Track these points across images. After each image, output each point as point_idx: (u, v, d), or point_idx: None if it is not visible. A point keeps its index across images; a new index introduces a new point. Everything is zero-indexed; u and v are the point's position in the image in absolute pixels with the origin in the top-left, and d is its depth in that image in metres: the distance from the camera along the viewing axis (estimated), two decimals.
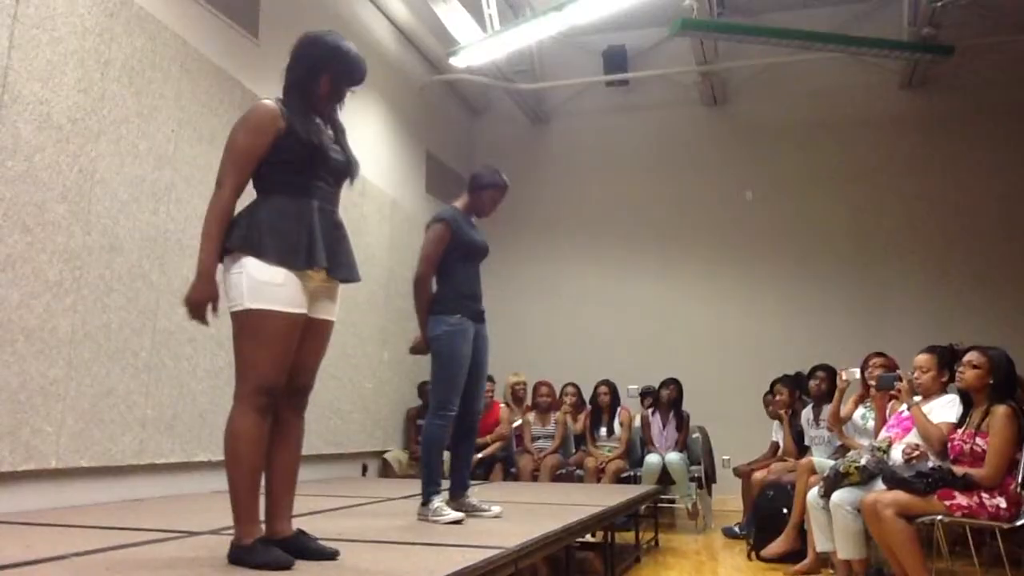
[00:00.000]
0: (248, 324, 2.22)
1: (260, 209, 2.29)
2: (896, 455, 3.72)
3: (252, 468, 2.23)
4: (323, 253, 2.30)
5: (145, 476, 4.14)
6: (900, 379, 4.01)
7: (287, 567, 2.14)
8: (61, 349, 3.61)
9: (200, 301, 2.22)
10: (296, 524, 2.40)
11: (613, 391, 6.53)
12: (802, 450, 5.35)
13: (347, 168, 2.47)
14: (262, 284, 2.21)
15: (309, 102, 2.40)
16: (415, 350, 3.66)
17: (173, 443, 4.27)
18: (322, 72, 2.41)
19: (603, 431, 6.46)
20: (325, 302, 2.41)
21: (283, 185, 2.30)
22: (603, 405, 6.49)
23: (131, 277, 4.04)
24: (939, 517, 3.37)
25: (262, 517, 2.29)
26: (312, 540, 2.35)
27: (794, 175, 8.16)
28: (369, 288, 6.48)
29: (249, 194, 2.37)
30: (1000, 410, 3.45)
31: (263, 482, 2.32)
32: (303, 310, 2.29)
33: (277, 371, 2.24)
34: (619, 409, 6.53)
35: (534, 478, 6.20)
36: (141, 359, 4.08)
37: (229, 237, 2.27)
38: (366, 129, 6.76)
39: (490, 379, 5.33)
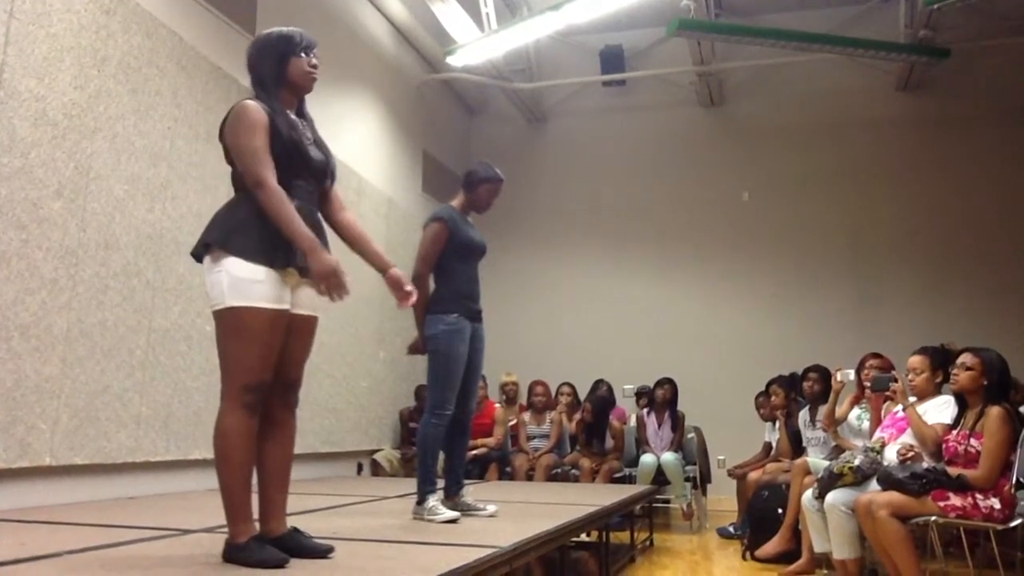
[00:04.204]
0: (231, 322, 2.22)
1: (240, 208, 2.29)
2: (890, 456, 3.73)
3: (242, 466, 2.23)
4: (301, 253, 2.29)
5: (140, 474, 4.13)
6: (895, 380, 4.02)
7: (281, 565, 2.13)
8: (56, 346, 3.60)
9: (331, 267, 2.20)
10: (290, 522, 2.39)
11: (599, 407, 6.39)
12: (798, 451, 5.36)
13: (325, 167, 2.47)
14: (243, 281, 2.21)
15: (281, 99, 2.40)
16: (413, 350, 3.66)
17: (168, 441, 4.27)
18: (288, 57, 2.41)
19: (595, 442, 6.42)
20: (308, 298, 2.41)
21: None
22: (588, 422, 6.36)
23: (127, 275, 4.03)
24: (933, 518, 3.37)
25: (256, 516, 2.29)
26: (306, 538, 2.35)
27: (790, 176, 8.18)
28: (365, 287, 6.46)
29: (227, 193, 2.37)
30: (994, 411, 3.46)
31: (256, 481, 2.32)
32: (285, 306, 2.29)
33: (262, 368, 2.24)
34: (611, 416, 6.50)
35: (529, 477, 6.20)
36: (136, 357, 4.07)
37: (209, 235, 2.28)
38: (363, 128, 6.75)
39: (482, 378, 5.32)
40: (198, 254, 2.32)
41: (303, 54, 2.43)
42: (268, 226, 2.25)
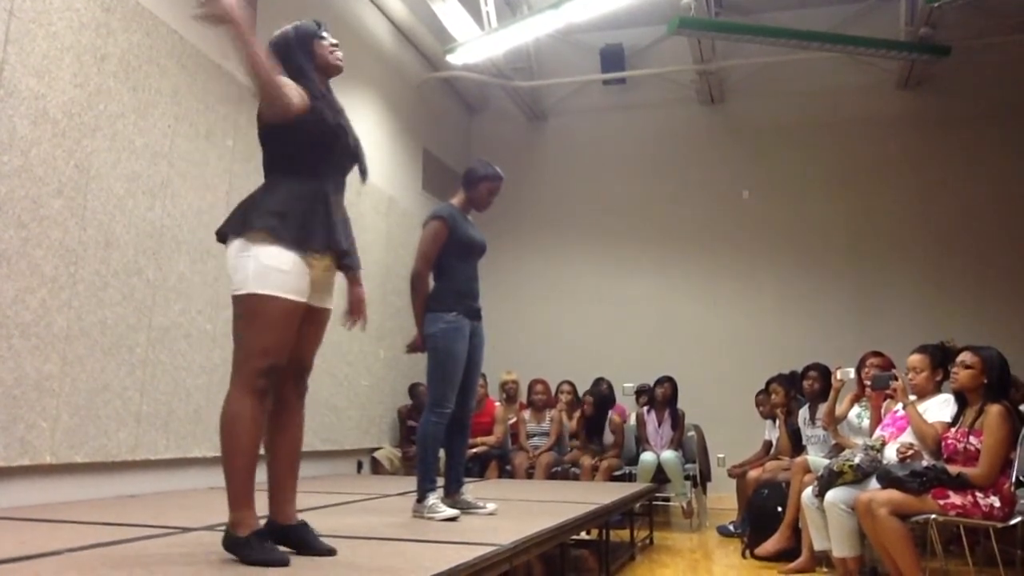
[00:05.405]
0: (250, 308, 2.23)
1: (274, 193, 2.32)
2: (890, 454, 3.73)
3: (249, 450, 2.22)
4: (341, 236, 2.36)
5: (140, 472, 4.13)
6: (895, 378, 4.02)
7: (282, 564, 2.12)
8: (56, 345, 3.60)
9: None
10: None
11: (599, 401, 6.46)
12: (798, 449, 5.36)
13: (356, 152, 2.52)
14: (269, 269, 2.22)
15: (314, 83, 2.43)
16: (412, 348, 3.65)
17: (168, 439, 4.27)
18: (312, 42, 2.47)
19: (595, 438, 6.45)
20: (325, 291, 2.43)
21: (296, 170, 2.34)
22: (588, 415, 6.43)
23: (127, 273, 4.04)
24: (933, 516, 3.37)
25: (262, 512, 2.28)
26: (313, 536, 2.34)
27: (791, 174, 8.18)
28: (366, 285, 6.37)
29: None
30: (994, 409, 3.46)
31: (267, 468, 2.33)
32: (305, 299, 2.31)
33: (276, 355, 2.25)
34: (610, 412, 6.51)
35: (529, 476, 6.20)
36: (136, 355, 4.07)
37: (243, 219, 2.28)
38: (363, 126, 6.74)
39: (482, 376, 5.32)
40: (224, 235, 2.32)
41: (319, 38, 2.49)
42: (305, 210, 2.29)
